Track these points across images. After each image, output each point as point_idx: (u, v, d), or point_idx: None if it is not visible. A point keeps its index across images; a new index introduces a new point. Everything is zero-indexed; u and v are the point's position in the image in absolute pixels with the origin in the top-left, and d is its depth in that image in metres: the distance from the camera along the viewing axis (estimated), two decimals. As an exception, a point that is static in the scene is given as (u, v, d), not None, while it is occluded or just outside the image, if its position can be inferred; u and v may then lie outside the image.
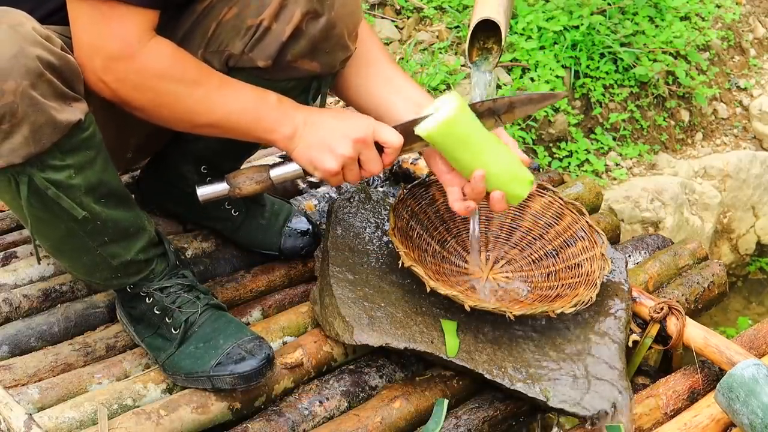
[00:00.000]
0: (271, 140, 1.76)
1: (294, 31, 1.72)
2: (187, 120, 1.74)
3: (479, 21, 1.92)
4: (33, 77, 1.52)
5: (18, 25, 1.53)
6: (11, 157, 1.55)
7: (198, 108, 1.71)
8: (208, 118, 1.73)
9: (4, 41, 1.51)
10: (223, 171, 2.09)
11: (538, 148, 3.25)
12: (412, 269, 1.87)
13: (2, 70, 1.50)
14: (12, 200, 1.65)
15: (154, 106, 1.71)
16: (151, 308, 1.83)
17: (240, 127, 1.75)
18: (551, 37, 3.47)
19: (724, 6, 3.96)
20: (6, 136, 1.54)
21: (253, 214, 2.14)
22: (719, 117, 3.77)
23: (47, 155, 1.58)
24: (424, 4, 3.63)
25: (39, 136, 1.56)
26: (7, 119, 1.52)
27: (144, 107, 1.70)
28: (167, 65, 1.67)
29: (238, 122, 1.74)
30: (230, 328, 1.82)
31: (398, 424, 1.83)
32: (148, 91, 1.68)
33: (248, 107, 1.73)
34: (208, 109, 1.72)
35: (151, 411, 1.73)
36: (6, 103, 1.51)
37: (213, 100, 1.71)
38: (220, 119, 1.73)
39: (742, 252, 3.66)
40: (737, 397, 1.73)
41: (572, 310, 1.88)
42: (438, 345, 1.87)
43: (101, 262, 1.76)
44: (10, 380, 1.79)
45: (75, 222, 1.67)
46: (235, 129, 1.76)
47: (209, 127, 1.75)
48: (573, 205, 2.14)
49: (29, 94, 1.52)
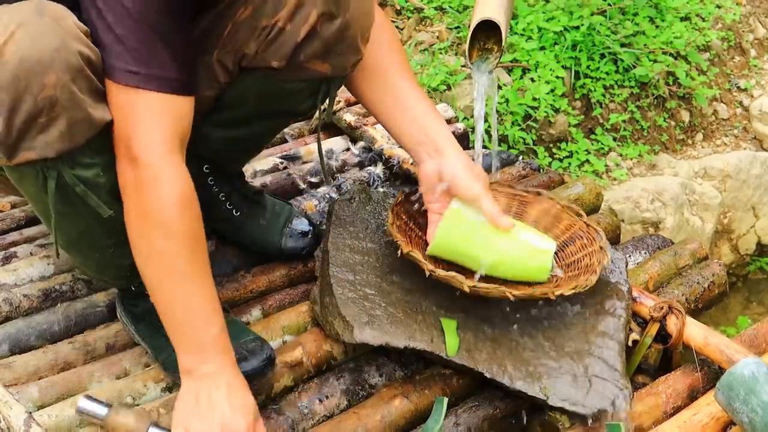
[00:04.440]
0: (178, 357, 1.67)
1: (309, 32, 1.72)
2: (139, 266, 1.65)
3: (479, 21, 1.92)
4: (74, 72, 1.51)
5: (60, 19, 1.51)
6: (45, 150, 1.54)
7: (159, 273, 1.63)
8: (151, 288, 1.65)
9: (47, 34, 1.49)
10: (225, 171, 2.10)
11: (538, 149, 3.25)
12: (410, 255, 1.87)
13: (44, 62, 1.48)
14: (36, 193, 1.63)
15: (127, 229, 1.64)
16: (154, 307, 1.83)
17: (165, 322, 1.67)
18: (551, 37, 3.47)
19: (724, 6, 3.96)
20: (42, 129, 1.52)
21: (254, 214, 2.14)
22: (719, 117, 3.77)
23: (78, 152, 1.57)
24: (425, 5, 3.63)
25: (74, 132, 1.54)
26: (45, 113, 1.51)
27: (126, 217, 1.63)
28: (175, 214, 1.59)
29: (170, 317, 1.66)
30: (232, 329, 1.81)
31: (398, 422, 1.83)
32: (139, 210, 1.60)
33: (185, 318, 1.64)
34: (159, 284, 1.64)
35: (151, 409, 1.73)
36: (46, 97, 1.49)
37: (165, 274, 1.62)
38: (153, 292, 1.65)
39: (742, 252, 3.66)
40: (737, 396, 1.73)
41: (571, 292, 1.87)
42: (438, 344, 1.87)
43: (113, 260, 1.76)
44: (10, 379, 1.79)
45: (95, 220, 1.67)
46: (161, 316, 1.67)
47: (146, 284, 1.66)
48: (570, 209, 2.15)
49: (70, 88, 1.51)
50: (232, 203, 2.12)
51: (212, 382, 1.64)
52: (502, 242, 1.95)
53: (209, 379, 1.64)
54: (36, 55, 1.47)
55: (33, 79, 1.48)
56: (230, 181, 2.13)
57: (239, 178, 2.17)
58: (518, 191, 2.20)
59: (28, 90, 1.48)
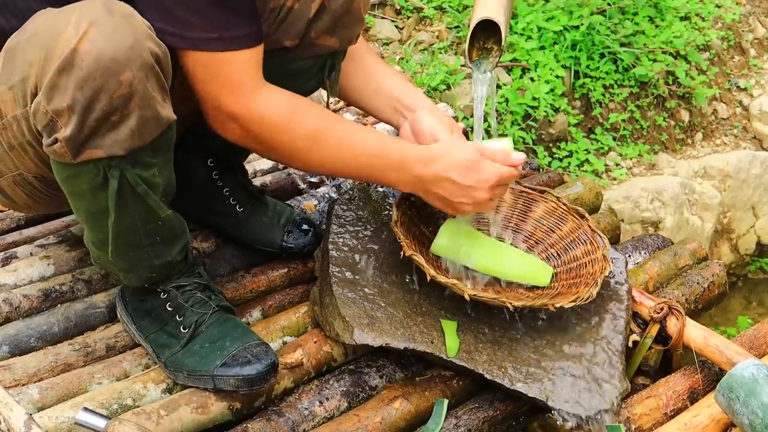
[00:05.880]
0: (401, 188, 1.92)
1: (318, 7, 1.73)
2: (304, 168, 1.90)
3: (479, 21, 1.92)
4: (147, 70, 1.51)
5: (130, 16, 1.51)
6: (114, 148, 1.54)
7: (314, 162, 1.80)
8: (324, 170, 1.92)
9: (119, 32, 1.49)
10: (229, 164, 2.10)
11: (538, 148, 3.25)
12: (413, 258, 1.87)
13: (120, 60, 1.48)
14: (88, 191, 1.61)
15: (274, 156, 1.84)
16: (164, 304, 1.83)
17: (360, 178, 1.94)
18: (551, 37, 3.46)
19: (724, 6, 3.96)
20: (113, 127, 1.52)
21: (256, 211, 2.14)
22: (719, 117, 3.77)
23: (142, 151, 1.57)
24: (424, 4, 3.63)
25: (144, 130, 1.54)
26: (119, 111, 1.51)
27: (265, 154, 1.85)
28: (285, 120, 1.73)
29: (358, 177, 1.91)
30: (237, 331, 1.82)
31: (398, 424, 1.83)
32: (268, 142, 1.75)
33: (366, 168, 1.83)
34: (324, 165, 1.82)
35: (151, 411, 1.73)
36: (122, 95, 1.49)
37: (330, 158, 1.79)
38: (336, 173, 1.91)
39: (742, 252, 3.66)
40: (737, 397, 1.73)
41: (571, 305, 1.88)
42: (438, 345, 1.87)
43: (146, 259, 1.76)
44: (10, 380, 1.79)
45: (141, 220, 1.67)
46: (354, 177, 1.96)
47: (326, 173, 1.96)
48: (575, 210, 2.14)
49: (144, 86, 1.51)
50: (235, 199, 2.12)
51: (440, 175, 1.82)
52: (505, 248, 2.02)
53: (434, 178, 1.83)
54: (111, 53, 1.47)
55: (109, 78, 1.48)
56: (234, 177, 2.13)
57: (243, 175, 2.17)
58: (524, 188, 2.20)
59: (103, 88, 1.48)
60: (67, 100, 1.49)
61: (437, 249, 2.02)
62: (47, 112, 1.51)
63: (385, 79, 2.02)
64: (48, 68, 1.49)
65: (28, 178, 1.75)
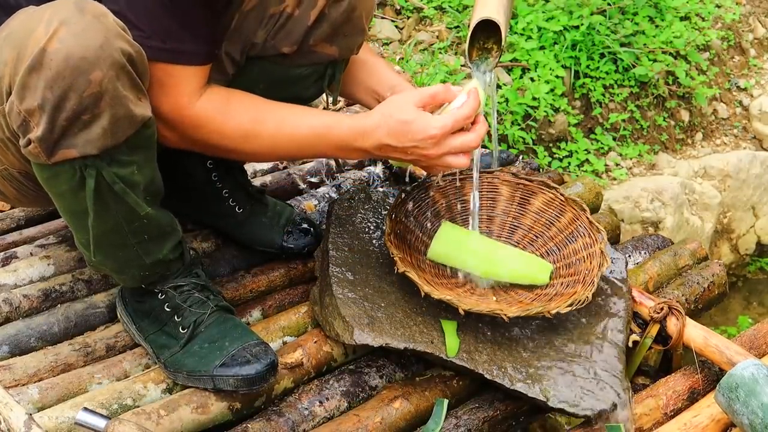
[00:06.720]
0: (347, 155, 1.86)
1: (318, 15, 1.74)
2: (244, 159, 1.91)
3: (479, 21, 1.91)
4: (117, 69, 1.51)
5: (101, 16, 1.52)
6: (87, 148, 1.54)
7: (260, 151, 1.81)
8: (263, 159, 1.92)
9: (90, 31, 1.49)
10: (228, 165, 2.10)
11: (538, 148, 3.25)
12: (407, 275, 1.87)
13: (90, 60, 1.48)
14: (68, 191, 1.62)
15: (210, 152, 1.85)
16: (162, 305, 1.83)
17: (307, 157, 1.98)
18: (551, 37, 3.46)
19: (724, 6, 3.96)
20: (85, 126, 1.52)
21: (256, 212, 2.14)
22: (719, 117, 3.77)
23: (117, 150, 1.57)
24: (424, 4, 3.63)
25: (116, 129, 1.54)
26: (89, 110, 1.51)
27: (203, 152, 1.85)
28: (219, 122, 1.73)
29: (303, 157, 1.97)
30: (237, 331, 1.82)
31: (398, 424, 1.83)
32: (207, 144, 1.77)
33: (309, 149, 1.82)
34: (261, 154, 1.83)
35: (151, 411, 1.73)
36: (92, 93, 1.49)
37: (268, 147, 1.79)
38: (276, 159, 1.94)
39: (742, 252, 3.66)
40: (737, 398, 1.73)
41: (567, 309, 1.88)
42: (438, 345, 1.87)
43: (135, 258, 1.76)
44: (10, 380, 1.79)
45: (125, 219, 1.67)
46: (306, 155, 1.99)
47: (266, 161, 1.91)
48: (574, 202, 2.14)
49: (114, 85, 1.51)
50: (235, 200, 2.12)
51: (375, 137, 1.75)
52: (501, 249, 2.02)
53: (371, 144, 1.76)
54: (80, 52, 1.47)
55: (78, 77, 1.48)
56: (234, 178, 2.13)
57: (242, 176, 2.17)
58: (521, 179, 2.19)
59: (73, 87, 1.48)
60: (38, 99, 1.49)
61: (433, 256, 2.03)
62: (20, 112, 1.51)
63: (370, 70, 2.02)
64: (19, 67, 1.49)
65: (14, 173, 1.76)
